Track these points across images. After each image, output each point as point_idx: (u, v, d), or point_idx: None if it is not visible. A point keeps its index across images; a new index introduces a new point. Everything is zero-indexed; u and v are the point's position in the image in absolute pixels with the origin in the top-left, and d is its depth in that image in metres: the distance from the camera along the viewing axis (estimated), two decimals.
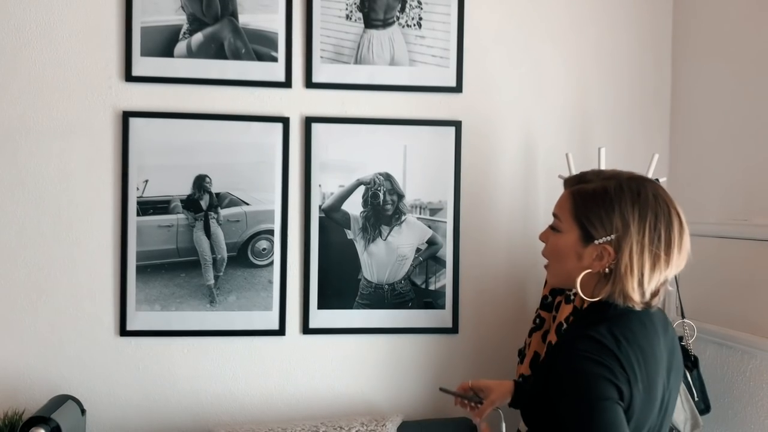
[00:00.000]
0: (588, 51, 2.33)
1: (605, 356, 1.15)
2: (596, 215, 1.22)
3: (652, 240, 1.20)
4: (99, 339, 2.13)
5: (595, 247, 1.23)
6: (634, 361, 1.17)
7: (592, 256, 1.23)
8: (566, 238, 1.27)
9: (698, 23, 2.24)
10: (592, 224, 1.22)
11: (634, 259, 1.19)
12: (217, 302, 2.18)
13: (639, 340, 1.20)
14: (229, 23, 2.16)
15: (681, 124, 2.32)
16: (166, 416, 2.16)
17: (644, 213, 1.20)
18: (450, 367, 2.28)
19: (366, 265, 2.23)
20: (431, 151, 2.24)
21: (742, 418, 1.91)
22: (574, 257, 1.25)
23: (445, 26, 2.23)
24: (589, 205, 1.23)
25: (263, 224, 2.19)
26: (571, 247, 1.26)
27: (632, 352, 1.18)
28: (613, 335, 1.18)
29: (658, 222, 1.20)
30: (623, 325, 1.21)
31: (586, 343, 1.17)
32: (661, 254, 1.20)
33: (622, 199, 1.21)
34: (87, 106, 2.11)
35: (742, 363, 1.92)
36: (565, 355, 1.19)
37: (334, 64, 2.20)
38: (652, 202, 1.21)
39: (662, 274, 1.22)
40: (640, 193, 1.22)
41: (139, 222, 2.14)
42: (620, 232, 1.20)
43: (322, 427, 2.07)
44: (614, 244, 1.21)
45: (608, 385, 1.14)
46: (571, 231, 1.26)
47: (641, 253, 1.20)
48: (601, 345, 1.17)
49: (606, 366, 1.14)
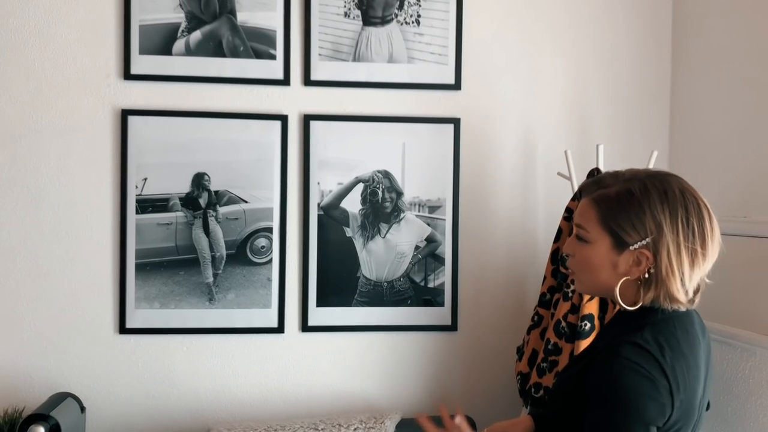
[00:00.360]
0: (587, 47, 2.32)
1: (650, 367, 1.12)
2: (626, 220, 1.17)
3: (687, 236, 1.16)
4: (98, 337, 2.13)
5: (631, 253, 1.18)
6: (677, 370, 1.14)
7: (629, 262, 1.19)
8: (597, 247, 1.21)
9: (698, 20, 2.23)
10: (624, 230, 1.18)
11: (673, 259, 1.16)
12: (216, 300, 2.18)
13: (682, 348, 1.18)
14: (228, 21, 2.16)
15: (680, 121, 2.32)
16: (165, 413, 2.16)
17: (675, 210, 1.17)
18: (449, 365, 2.28)
19: (365, 262, 2.23)
20: (430, 148, 2.24)
21: (741, 416, 1.90)
22: (609, 266, 1.20)
23: (444, 23, 2.23)
24: (617, 210, 1.19)
25: (262, 222, 2.20)
26: (604, 257, 1.20)
27: (676, 360, 1.15)
28: (657, 342, 1.15)
29: (690, 216, 1.17)
30: (668, 332, 1.18)
31: (630, 352, 1.13)
32: (698, 249, 1.17)
33: (650, 199, 1.17)
34: (86, 104, 2.11)
35: (742, 360, 1.91)
36: (609, 362, 1.14)
37: (333, 62, 2.20)
38: (680, 198, 1.18)
39: (701, 268, 1.19)
40: (667, 191, 1.18)
41: (138, 220, 2.14)
42: (655, 234, 1.16)
43: (320, 425, 2.07)
44: (651, 247, 1.16)
45: (651, 404, 1.11)
46: (601, 240, 1.21)
47: (678, 252, 1.16)
48: (647, 353, 1.13)
49: (649, 379, 1.11)
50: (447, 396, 2.28)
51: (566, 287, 1.92)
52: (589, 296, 1.84)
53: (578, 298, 1.89)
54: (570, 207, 1.99)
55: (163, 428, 2.15)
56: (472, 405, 2.27)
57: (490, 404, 2.28)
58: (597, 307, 1.85)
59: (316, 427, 2.07)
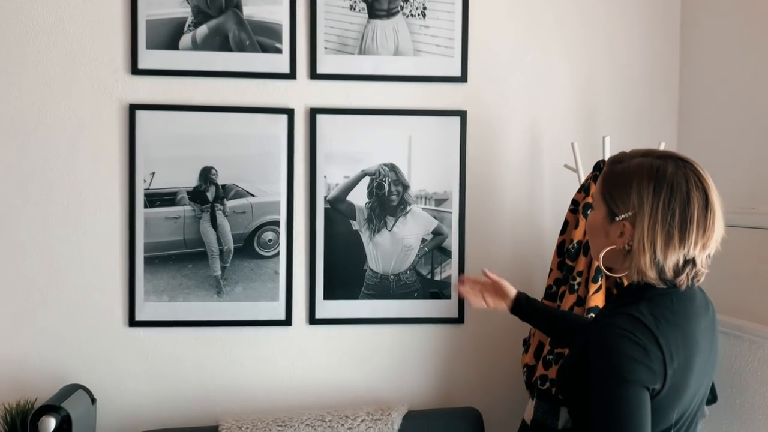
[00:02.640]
0: (594, 39, 2.30)
1: (642, 335, 1.18)
2: (618, 193, 1.26)
3: (665, 217, 1.20)
4: (108, 329, 2.16)
5: (618, 225, 1.26)
6: (672, 341, 1.20)
7: (616, 233, 1.27)
8: (596, 215, 1.32)
9: (706, 11, 2.21)
10: (615, 202, 1.26)
11: (645, 235, 1.21)
12: (224, 293, 2.19)
13: (679, 321, 1.22)
14: (234, 15, 2.16)
15: (688, 112, 2.30)
16: (174, 405, 2.19)
17: (659, 190, 1.21)
18: (455, 357, 2.29)
19: (371, 255, 2.23)
20: (436, 141, 2.24)
21: (749, 408, 1.89)
22: (603, 234, 1.30)
23: (450, 15, 2.22)
24: (613, 184, 1.27)
25: (269, 215, 2.21)
26: (600, 225, 1.30)
27: (671, 332, 1.20)
28: (653, 315, 1.21)
29: (672, 199, 1.20)
30: (664, 306, 1.23)
31: (624, 321, 1.20)
32: (675, 232, 1.20)
33: (640, 177, 1.23)
34: (94, 99, 2.13)
35: (750, 353, 1.90)
36: (603, 331, 1.21)
37: (339, 55, 2.20)
38: (670, 179, 1.21)
39: (677, 252, 1.21)
40: (659, 170, 1.22)
41: (146, 214, 2.16)
42: (636, 209, 1.22)
43: (328, 417, 2.09)
44: (631, 220, 1.23)
45: (640, 367, 1.16)
46: (599, 209, 1.31)
47: (653, 229, 1.21)
48: (640, 323, 1.19)
49: (641, 346, 1.17)
50: (453, 387, 2.29)
51: (572, 280, 1.92)
52: (596, 288, 1.84)
53: (584, 291, 1.89)
54: (576, 199, 1.99)
55: (172, 419, 2.17)
56: (478, 397, 2.28)
57: (497, 396, 2.29)
58: (603, 299, 1.85)
59: (324, 419, 2.08)
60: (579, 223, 1.93)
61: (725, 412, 1.96)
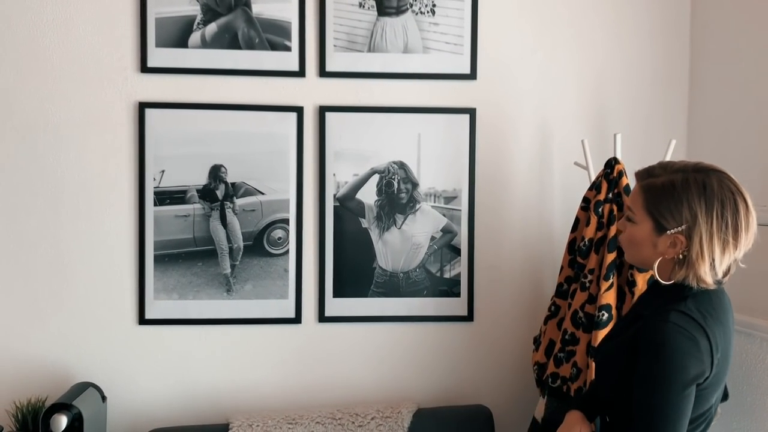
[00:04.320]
0: (604, 36, 2.30)
1: (695, 331, 1.29)
2: (666, 208, 1.33)
3: (720, 227, 1.30)
4: (119, 327, 2.16)
5: (668, 237, 1.34)
6: (717, 333, 1.32)
7: (666, 244, 1.35)
8: (641, 229, 1.38)
9: (716, 8, 2.20)
10: (664, 217, 1.34)
11: (704, 246, 1.31)
12: (234, 291, 2.20)
13: (719, 315, 1.35)
14: (243, 13, 2.16)
15: (699, 109, 2.29)
16: (184, 403, 2.19)
17: (711, 203, 1.31)
18: (465, 355, 2.29)
19: (381, 253, 2.23)
20: (445, 139, 2.24)
21: (760, 406, 1.89)
22: (650, 246, 1.37)
23: (459, 13, 2.22)
24: (659, 198, 1.35)
25: (278, 213, 2.21)
26: (646, 237, 1.37)
27: (715, 326, 1.32)
28: (699, 311, 1.32)
29: (724, 210, 1.31)
30: (707, 303, 1.34)
31: (677, 317, 1.30)
32: (730, 239, 1.31)
33: (689, 192, 1.32)
34: (103, 97, 2.13)
35: (761, 351, 1.89)
36: (659, 327, 1.30)
37: (348, 53, 2.20)
38: (717, 192, 1.31)
39: (732, 255, 1.33)
40: (706, 185, 1.32)
41: (156, 212, 2.16)
42: (690, 223, 1.31)
43: (338, 415, 2.09)
44: (685, 233, 1.32)
45: (692, 361, 1.28)
46: (644, 222, 1.38)
47: (710, 240, 1.31)
48: (691, 319, 1.30)
49: (695, 341, 1.28)
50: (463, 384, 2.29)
51: (583, 277, 1.91)
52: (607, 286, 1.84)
53: (595, 288, 1.88)
54: (587, 197, 1.98)
55: (182, 417, 2.18)
56: (488, 395, 2.28)
57: (507, 394, 2.29)
58: (615, 298, 1.85)
59: (334, 416, 2.08)
60: (590, 220, 1.92)
61: (735, 410, 1.95)
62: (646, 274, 1.82)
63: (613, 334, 1.53)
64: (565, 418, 1.54)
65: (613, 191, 1.92)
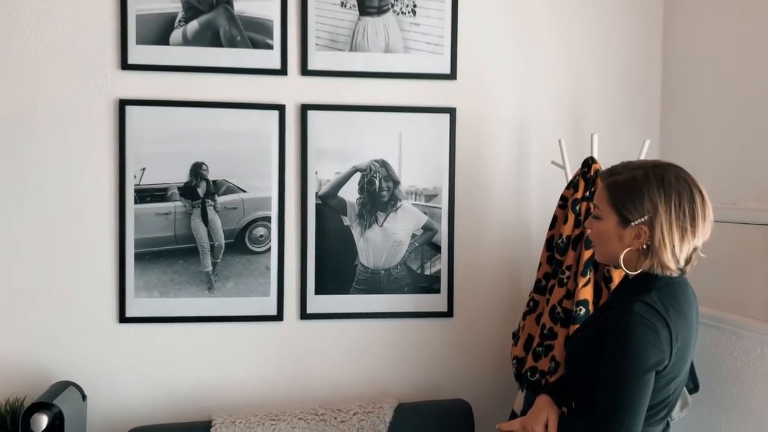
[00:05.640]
0: (581, 38, 2.35)
1: (657, 321, 1.37)
2: (629, 201, 1.43)
3: (678, 216, 1.40)
4: (99, 326, 2.15)
5: (633, 228, 1.43)
6: (678, 324, 1.40)
7: (631, 236, 1.44)
8: (607, 223, 1.48)
9: (688, 12, 2.27)
10: (627, 209, 1.43)
11: (665, 234, 1.40)
12: (216, 289, 2.20)
13: (682, 308, 1.43)
14: (225, 11, 2.16)
15: (671, 110, 2.36)
16: (166, 401, 2.19)
17: (669, 194, 1.41)
18: (445, 350, 2.33)
19: (362, 250, 2.26)
20: (426, 138, 2.27)
21: (729, 397, 1.96)
22: (616, 239, 1.47)
23: (440, 13, 2.25)
24: (622, 193, 1.45)
25: (260, 211, 2.21)
26: (612, 231, 1.47)
27: (676, 317, 1.41)
28: (662, 302, 1.40)
29: (681, 200, 1.41)
30: (670, 295, 1.43)
31: (641, 307, 1.38)
32: (688, 227, 1.41)
33: (649, 185, 1.42)
34: (83, 94, 2.11)
35: (730, 343, 1.97)
36: (623, 316, 1.38)
37: (330, 52, 2.21)
38: (674, 184, 1.42)
39: (691, 243, 1.43)
40: (664, 178, 1.42)
41: (136, 210, 2.15)
42: (651, 213, 1.41)
43: (320, 410, 2.11)
44: (648, 223, 1.41)
45: (654, 350, 1.36)
46: (610, 217, 1.47)
47: (670, 228, 1.40)
48: (655, 311, 1.38)
49: (656, 331, 1.37)
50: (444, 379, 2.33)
51: (561, 273, 1.96)
52: (584, 281, 1.89)
53: (573, 284, 1.93)
54: (565, 195, 2.03)
55: (164, 416, 2.17)
56: (468, 389, 2.32)
57: (486, 388, 2.34)
58: (591, 293, 1.90)
59: (316, 413, 2.10)
60: (568, 218, 1.97)
61: (706, 401, 2.02)
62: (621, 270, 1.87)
63: (583, 326, 1.62)
64: (536, 402, 1.61)
65: (590, 190, 1.97)
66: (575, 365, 1.54)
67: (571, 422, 1.54)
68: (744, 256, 1.91)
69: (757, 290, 1.87)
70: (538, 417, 1.55)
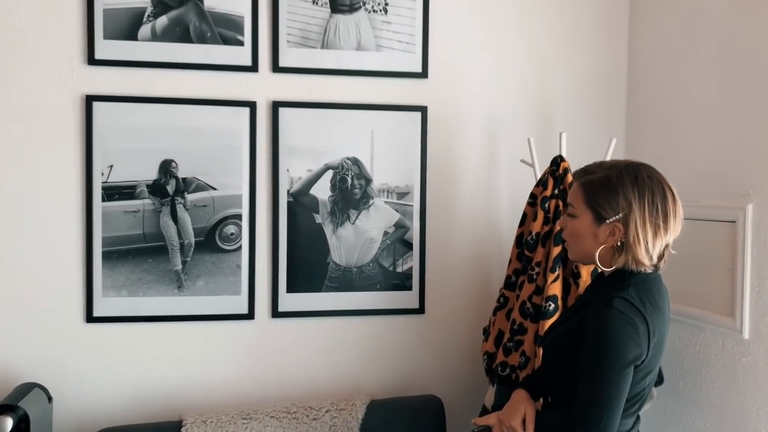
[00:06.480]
0: (549, 38, 2.39)
1: (636, 317, 1.40)
2: (604, 199, 1.46)
3: (651, 213, 1.43)
4: (65, 326, 2.10)
5: (607, 226, 1.46)
6: (654, 319, 1.43)
7: (606, 233, 1.47)
8: (582, 221, 1.50)
9: (652, 14, 2.33)
10: (602, 207, 1.46)
11: (639, 231, 1.43)
12: (185, 287, 2.17)
13: (658, 303, 1.46)
14: (194, 6, 2.14)
15: (636, 110, 2.41)
16: (135, 402, 2.15)
17: (642, 192, 1.44)
18: (417, 347, 2.34)
19: (334, 248, 2.26)
20: (398, 136, 2.28)
21: (691, 389, 2.02)
22: (591, 237, 1.49)
23: (411, 12, 2.26)
24: (597, 192, 1.47)
25: (231, 209, 2.20)
26: (587, 229, 1.49)
27: (654, 313, 1.44)
28: (640, 298, 1.43)
29: (654, 198, 1.44)
30: (646, 290, 1.46)
31: (620, 304, 1.41)
32: (661, 224, 1.44)
33: (623, 184, 1.45)
34: (48, 89, 2.06)
35: (693, 337, 2.03)
36: (603, 312, 1.40)
37: (301, 49, 2.21)
38: (648, 183, 1.45)
39: (663, 240, 1.46)
40: (637, 177, 1.45)
41: (104, 207, 2.11)
42: (626, 211, 1.44)
43: (293, 408, 2.11)
44: (622, 221, 1.44)
45: (633, 345, 1.39)
46: (585, 215, 1.49)
47: (644, 225, 1.43)
48: (633, 306, 1.41)
49: (635, 326, 1.40)
50: (415, 376, 2.34)
51: (531, 270, 2.00)
52: (553, 278, 1.92)
53: (542, 280, 1.97)
54: (534, 193, 2.07)
55: (134, 416, 2.14)
56: (439, 385, 2.34)
57: (457, 384, 2.36)
58: (560, 289, 1.93)
59: (288, 411, 2.10)
60: (537, 215, 2.01)
61: (669, 392, 2.08)
62: (590, 266, 1.91)
63: (560, 321, 1.63)
64: (512, 397, 1.62)
65: (558, 187, 2.00)
66: (552, 360, 1.56)
67: (547, 416, 1.55)
68: (706, 253, 1.96)
69: (719, 285, 1.93)
70: (515, 411, 1.56)
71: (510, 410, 1.58)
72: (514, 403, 1.59)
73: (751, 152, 1.86)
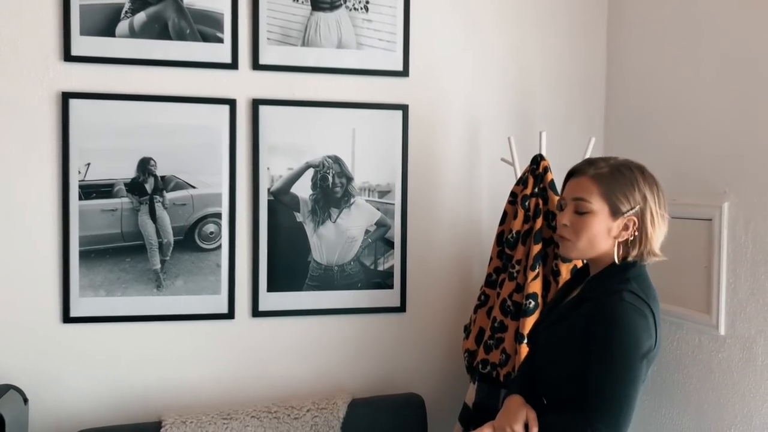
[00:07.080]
0: (529, 37, 2.40)
1: (643, 307, 1.41)
2: (621, 192, 1.45)
3: (661, 206, 1.48)
4: (41, 326, 2.07)
5: (622, 219, 1.46)
6: (656, 309, 1.45)
7: (620, 227, 1.46)
8: (597, 216, 1.47)
9: (631, 15, 2.35)
10: (620, 200, 1.45)
11: (656, 222, 1.46)
12: (164, 287, 2.15)
13: (655, 294, 1.49)
14: (173, 3, 2.11)
15: (614, 109, 2.44)
16: (113, 403, 2.13)
17: (651, 185, 1.47)
18: (398, 345, 2.35)
19: (315, 247, 2.25)
20: (379, 134, 2.28)
21: (669, 385, 2.05)
22: (605, 231, 1.47)
23: (392, 10, 2.26)
24: (614, 184, 1.46)
25: (210, 207, 2.18)
26: (602, 223, 1.46)
27: (654, 302, 1.46)
28: (643, 290, 1.44)
29: (660, 191, 1.49)
30: (645, 282, 1.48)
31: (631, 297, 1.41)
32: (666, 215, 1.49)
33: (635, 177, 1.47)
34: (23, 86, 2.03)
35: (670, 333, 2.05)
36: (616, 306, 1.40)
37: (282, 46, 2.19)
38: (651, 176, 1.49)
39: (665, 230, 1.50)
40: (644, 171, 1.49)
41: (81, 206, 2.08)
42: (641, 204, 1.45)
43: (273, 408, 2.10)
44: (638, 214, 1.45)
45: (646, 337, 1.40)
46: (601, 209, 1.46)
47: (658, 217, 1.47)
48: (640, 298, 1.42)
49: (646, 318, 1.41)
50: (396, 374, 2.34)
51: (511, 268, 2.01)
52: (534, 275, 1.93)
53: (522, 278, 1.98)
54: (515, 191, 2.08)
55: (113, 417, 2.11)
56: (420, 383, 2.35)
57: (439, 381, 2.37)
58: (540, 286, 1.95)
59: (269, 410, 2.09)
60: (518, 213, 2.02)
61: (648, 388, 2.11)
62: (569, 264, 1.93)
63: (554, 320, 1.54)
64: (506, 403, 1.54)
65: (539, 186, 2.02)
66: (552, 360, 1.50)
67: (548, 417, 1.47)
68: (683, 250, 1.99)
69: (696, 282, 1.96)
70: (516, 416, 1.49)
71: (509, 416, 1.50)
72: (513, 409, 1.51)
73: (727, 151, 1.89)
